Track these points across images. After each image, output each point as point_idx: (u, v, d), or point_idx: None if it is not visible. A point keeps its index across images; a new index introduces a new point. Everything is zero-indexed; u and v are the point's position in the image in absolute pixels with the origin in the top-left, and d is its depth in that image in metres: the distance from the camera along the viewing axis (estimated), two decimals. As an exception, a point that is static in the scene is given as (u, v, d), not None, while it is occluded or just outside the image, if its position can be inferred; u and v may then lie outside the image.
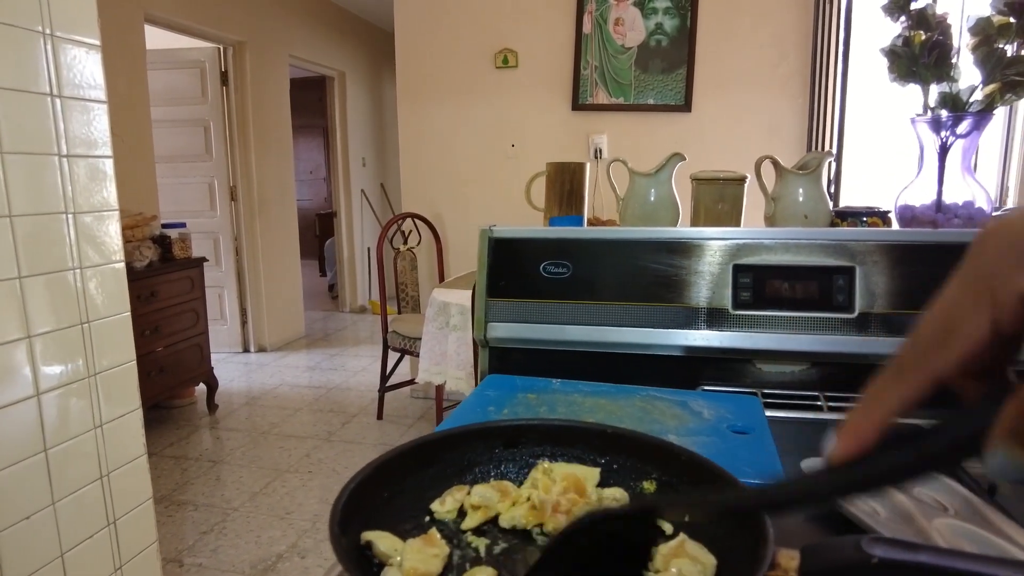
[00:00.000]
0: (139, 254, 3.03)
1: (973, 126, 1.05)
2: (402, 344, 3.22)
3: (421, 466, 0.51)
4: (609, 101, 3.22)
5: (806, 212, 1.05)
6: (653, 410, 0.74)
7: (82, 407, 1.35)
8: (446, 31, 3.36)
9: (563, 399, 0.77)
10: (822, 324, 0.85)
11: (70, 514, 1.32)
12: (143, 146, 3.66)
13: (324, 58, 5.51)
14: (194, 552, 2.24)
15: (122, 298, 1.46)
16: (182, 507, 2.55)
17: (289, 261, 5.11)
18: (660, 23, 3.11)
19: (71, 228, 1.32)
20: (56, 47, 1.27)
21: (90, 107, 1.37)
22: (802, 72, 2.99)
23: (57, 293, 1.28)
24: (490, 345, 0.95)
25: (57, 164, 1.28)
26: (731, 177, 1.07)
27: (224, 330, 4.65)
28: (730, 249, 0.88)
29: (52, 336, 1.27)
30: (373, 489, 0.45)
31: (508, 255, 0.94)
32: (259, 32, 4.58)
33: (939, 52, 1.09)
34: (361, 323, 5.79)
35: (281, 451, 3.06)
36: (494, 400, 0.77)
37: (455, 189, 3.51)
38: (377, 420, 3.44)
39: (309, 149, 8.98)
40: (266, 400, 3.77)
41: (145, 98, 3.67)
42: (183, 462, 2.96)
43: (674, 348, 0.89)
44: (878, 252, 0.85)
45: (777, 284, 0.86)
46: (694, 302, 0.88)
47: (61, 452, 1.29)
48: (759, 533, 0.41)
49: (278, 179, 4.90)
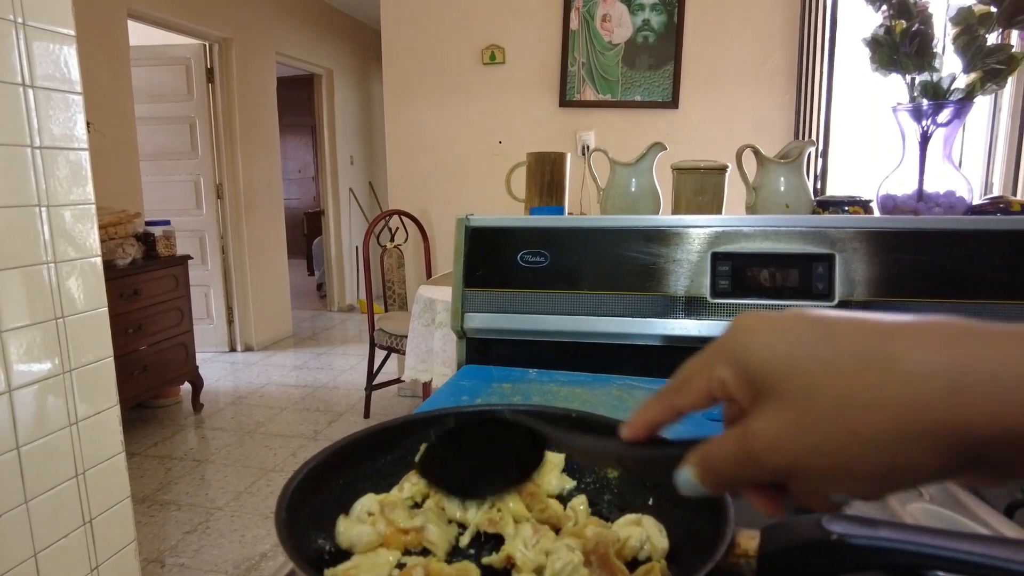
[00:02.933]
0: (122, 251, 3.00)
1: (954, 115, 1.05)
2: (389, 342, 3.20)
3: (380, 453, 0.49)
4: (596, 98, 3.21)
5: (787, 201, 1.04)
6: (629, 398, 0.72)
7: (57, 404, 1.33)
8: (433, 28, 3.35)
9: (538, 389, 0.76)
10: (801, 312, 0.84)
11: (44, 513, 1.29)
12: (127, 143, 3.62)
13: (311, 56, 5.47)
14: (177, 552, 2.21)
15: (99, 294, 1.43)
16: (165, 507, 2.52)
17: (276, 260, 5.08)
18: (647, 19, 3.11)
19: (45, 222, 1.30)
20: (28, 36, 1.24)
21: (65, 99, 1.34)
22: (788, 68, 2.99)
23: (31, 288, 1.26)
24: (467, 336, 0.93)
25: (30, 156, 1.26)
26: (712, 166, 1.06)
27: (210, 329, 4.61)
28: (709, 237, 0.86)
29: (25, 331, 1.24)
30: (328, 476, 0.44)
31: (485, 244, 0.93)
32: (245, 29, 4.55)
33: (920, 41, 1.09)
34: (349, 322, 5.76)
35: (267, 450, 3.03)
36: (468, 390, 0.75)
37: (442, 186, 3.49)
38: (364, 418, 3.42)
39: (297, 148, 8.94)
40: (252, 399, 3.74)
41: (128, 94, 3.62)
42: (167, 461, 2.93)
43: (653, 337, 0.88)
44: (858, 239, 0.84)
45: (756, 272, 0.85)
46: (672, 291, 0.87)
47: (35, 449, 1.27)
48: (719, 514, 0.40)
49: (265, 177, 4.86)
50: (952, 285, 0.83)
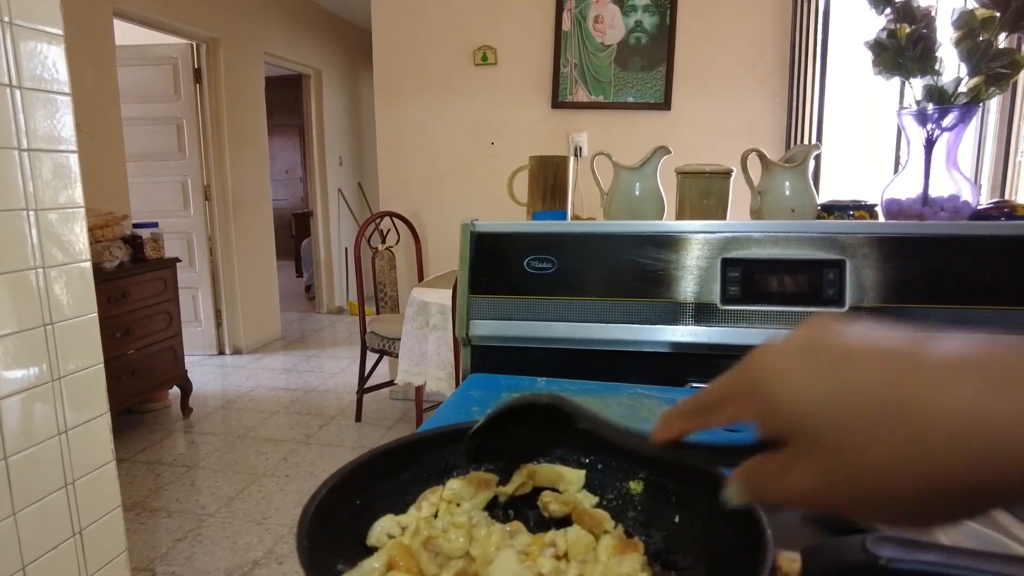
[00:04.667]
0: (109, 254, 2.95)
1: (958, 119, 1.04)
2: (381, 345, 3.17)
3: (396, 470, 0.47)
4: (589, 99, 3.21)
5: (793, 206, 1.03)
6: (642, 408, 0.71)
7: (45, 412, 1.29)
8: (424, 28, 3.32)
9: (548, 398, 0.74)
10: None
11: (32, 524, 1.26)
12: (113, 144, 3.57)
13: (300, 56, 5.43)
14: (167, 560, 2.17)
15: (89, 299, 1.40)
16: (155, 514, 2.48)
17: (265, 261, 5.03)
18: (639, 21, 3.10)
19: (33, 226, 1.26)
20: (15, 36, 1.21)
21: (53, 100, 1.31)
22: (781, 70, 3.00)
23: (18, 294, 1.22)
24: (472, 343, 0.91)
25: (17, 159, 1.22)
26: (717, 170, 1.05)
27: (198, 332, 4.55)
28: (718, 243, 0.85)
29: (12, 339, 1.21)
30: (344, 496, 0.42)
31: (491, 250, 0.91)
32: (233, 29, 4.50)
33: (924, 45, 1.08)
34: (339, 324, 5.71)
35: (258, 455, 3.00)
36: (478, 400, 0.74)
37: (434, 187, 3.47)
38: (356, 422, 3.39)
39: (285, 148, 8.86)
40: (242, 403, 3.70)
41: (115, 94, 3.57)
42: (156, 467, 2.89)
43: (661, 344, 0.86)
44: (868, 245, 0.83)
45: (766, 278, 0.84)
46: (681, 297, 0.85)
47: (22, 459, 1.24)
48: (755, 535, 0.39)
49: (253, 178, 4.81)
50: (961, 291, 0.83)
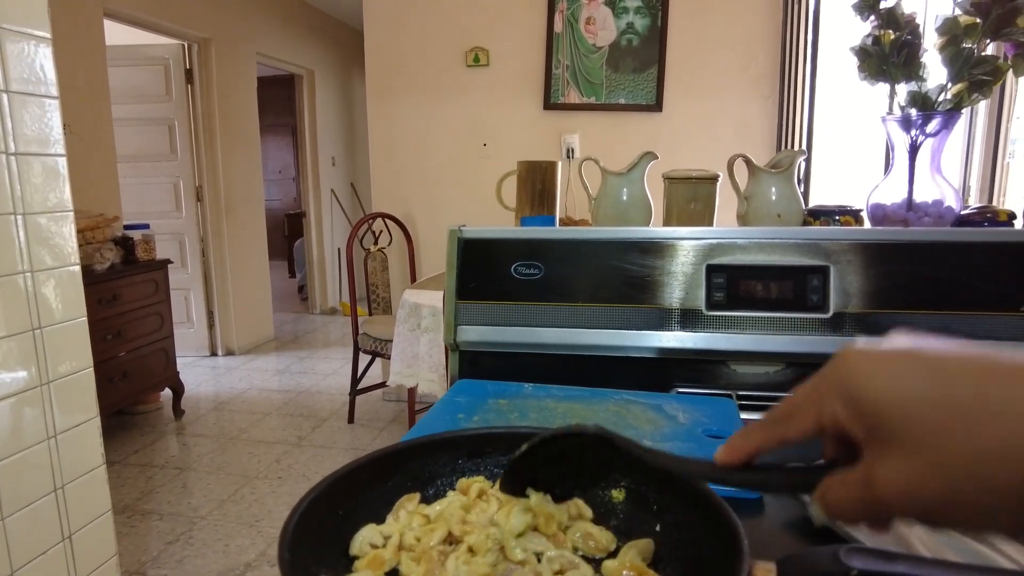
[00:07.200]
0: (99, 256, 2.94)
1: (942, 125, 1.05)
2: (373, 346, 3.17)
3: (379, 480, 0.48)
4: (581, 100, 3.21)
5: (779, 211, 1.04)
6: (628, 414, 0.72)
7: (34, 416, 1.29)
8: (416, 29, 3.32)
9: (535, 404, 0.75)
10: (797, 324, 0.84)
11: (21, 529, 1.26)
12: (104, 145, 3.55)
13: (292, 56, 5.42)
14: (159, 563, 2.17)
15: (78, 303, 1.40)
16: (147, 517, 2.47)
17: (257, 262, 5.02)
18: (631, 22, 3.11)
19: (21, 229, 1.26)
20: (2, 39, 1.21)
21: (41, 103, 1.31)
22: (772, 72, 3.02)
23: (6, 298, 1.22)
24: (460, 349, 0.92)
25: (4, 162, 1.22)
26: (704, 176, 1.06)
27: (191, 333, 4.54)
28: (703, 249, 0.86)
29: (0, 343, 1.21)
30: (326, 507, 0.42)
31: (478, 256, 0.91)
32: (225, 29, 4.48)
33: (908, 51, 1.09)
34: (331, 325, 5.70)
35: (250, 457, 2.99)
36: (464, 407, 0.74)
37: (426, 189, 3.47)
38: (348, 424, 3.39)
39: (278, 148, 8.84)
40: (234, 405, 3.69)
41: (105, 95, 3.55)
42: (148, 470, 2.88)
43: (647, 350, 0.87)
44: (852, 251, 0.84)
45: (751, 284, 0.85)
46: (667, 303, 0.86)
47: (11, 464, 1.23)
48: (732, 544, 0.39)
49: (246, 179, 4.80)
50: (945, 296, 0.84)
